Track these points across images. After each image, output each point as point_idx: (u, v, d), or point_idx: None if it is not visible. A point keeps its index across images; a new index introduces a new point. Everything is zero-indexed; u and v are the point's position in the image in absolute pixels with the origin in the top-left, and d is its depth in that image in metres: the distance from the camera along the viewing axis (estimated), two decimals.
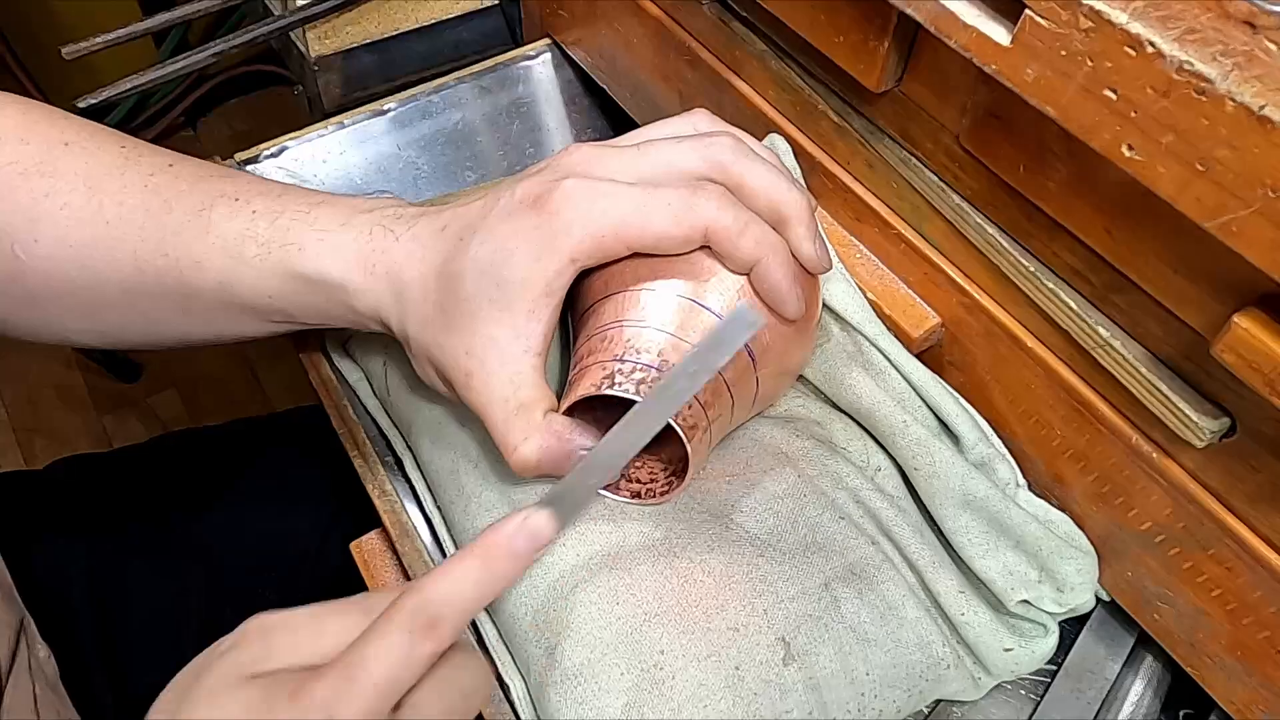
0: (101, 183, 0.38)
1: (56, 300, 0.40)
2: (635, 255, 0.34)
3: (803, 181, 0.45)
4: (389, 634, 0.26)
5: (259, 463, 0.61)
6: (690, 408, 0.33)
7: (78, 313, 0.40)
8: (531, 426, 0.34)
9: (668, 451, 0.38)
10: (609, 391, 0.33)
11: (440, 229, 0.36)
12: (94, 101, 0.61)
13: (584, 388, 0.33)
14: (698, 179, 0.34)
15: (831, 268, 0.38)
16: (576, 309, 0.38)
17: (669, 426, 0.33)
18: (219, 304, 0.39)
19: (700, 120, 0.37)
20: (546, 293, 0.33)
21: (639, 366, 0.33)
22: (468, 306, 0.34)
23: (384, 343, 0.45)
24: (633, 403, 0.32)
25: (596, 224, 0.33)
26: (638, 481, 0.38)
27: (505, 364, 0.34)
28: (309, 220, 0.37)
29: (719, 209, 0.33)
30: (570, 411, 0.35)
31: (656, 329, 0.34)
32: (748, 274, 0.34)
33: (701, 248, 0.34)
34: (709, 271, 0.34)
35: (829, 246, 0.42)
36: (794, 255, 0.36)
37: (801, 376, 0.43)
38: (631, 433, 0.30)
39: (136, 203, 0.38)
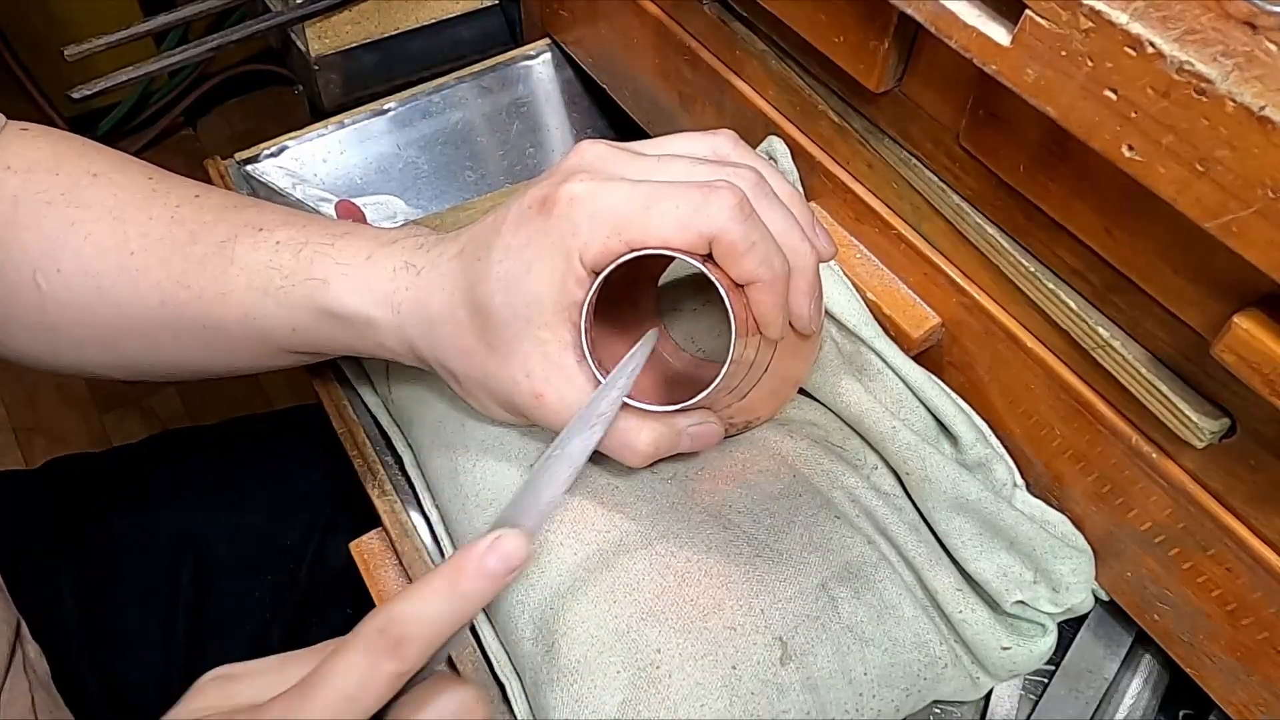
0: (127, 213, 0.38)
1: (77, 330, 0.40)
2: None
3: (799, 183, 0.45)
4: (349, 653, 0.25)
5: (254, 461, 0.61)
6: (750, 324, 0.32)
7: (99, 343, 0.40)
8: (629, 429, 0.34)
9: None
10: (690, 261, 0.31)
11: (458, 253, 0.35)
12: (89, 93, 0.61)
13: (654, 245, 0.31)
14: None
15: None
16: None
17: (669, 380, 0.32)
18: (243, 337, 0.38)
19: (723, 143, 0.35)
20: (572, 298, 0.32)
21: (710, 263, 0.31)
22: (508, 330, 0.33)
23: None
24: (645, 259, 0.31)
25: (600, 222, 0.31)
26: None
27: (571, 376, 0.33)
28: (333, 253, 0.37)
29: (729, 219, 0.30)
30: (596, 353, 0.33)
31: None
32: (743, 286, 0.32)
33: None
34: None
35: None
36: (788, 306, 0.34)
37: None
38: (587, 427, 0.31)
39: (161, 234, 0.38)
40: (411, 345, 0.36)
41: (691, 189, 0.31)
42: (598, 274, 0.32)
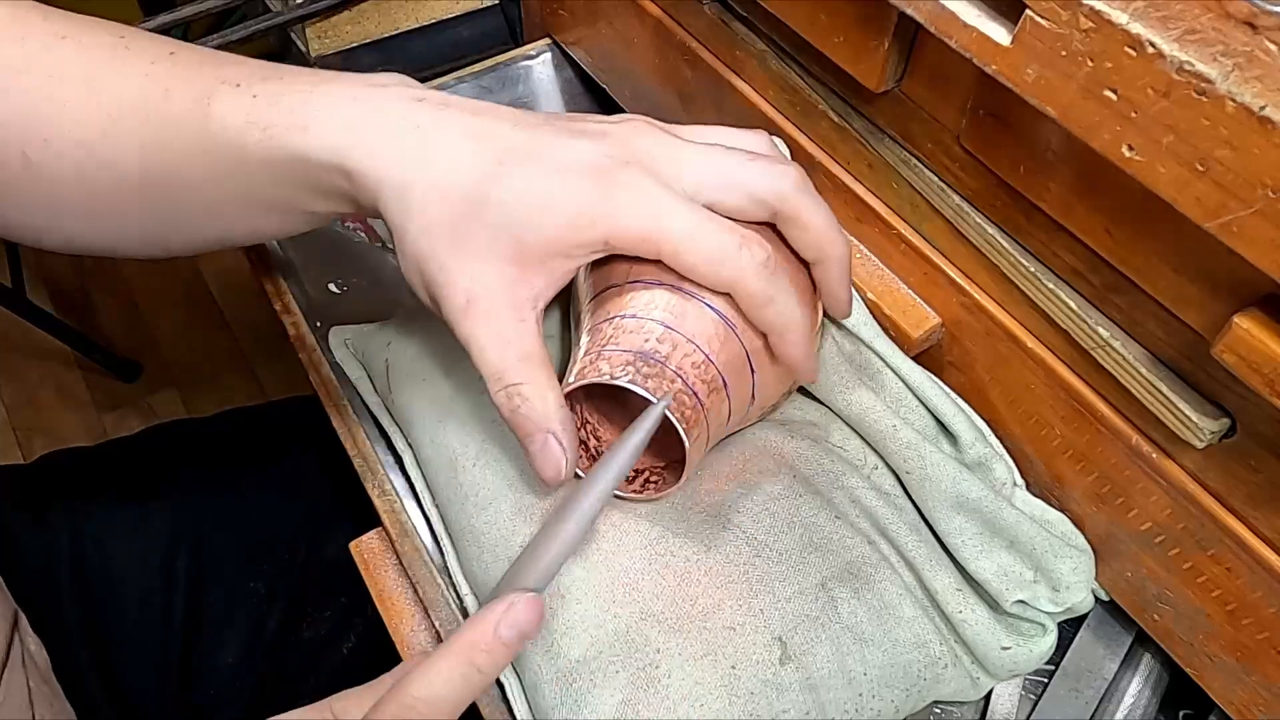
0: (100, 74, 0.37)
1: (72, 201, 0.38)
2: None
3: None
4: None
5: (250, 453, 0.61)
6: (689, 407, 0.33)
7: (92, 214, 0.39)
8: (532, 379, 0.33)
9: (666, 450, 0.39)
10: (636, 389, 0.33)
11: (475, 136, 0.34)
12: None
13: (610, 371, 0.33)
14: (756, 200, 0.34)
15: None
16: (595, 285, 0.37)
17: (670, 425, 0.33)
18: (227, 196, 0.37)
19: (763, 143, 0.37)
20: (567, 255, 0.33)
21: (670, 375, 0.33)
22: (487, 234, 0.33)
23: (387, 339, 0.45)
24: (635, 393, 0.32)
25: (641, 226, 0.32)
26: (636, 477, 0.38)
27: (511, 306, 0.33)
28: (312, 98, 0.35)
29: (755, 275, 0.33)
30: (571, 395, 0.35)
31: (691, 341, 0.34)
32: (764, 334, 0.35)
33: None
34: None
35: None
36: (823, 294, 0.37)
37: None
38: (595, 495, 0.31)
39: (136, 94, 0.37)
40: (377, 192, 0.34)
41: (730, 234, 0.32)
42: (604, 254, 0.33)
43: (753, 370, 0.36)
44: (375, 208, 0.35)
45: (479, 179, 0.33)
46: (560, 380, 0.34)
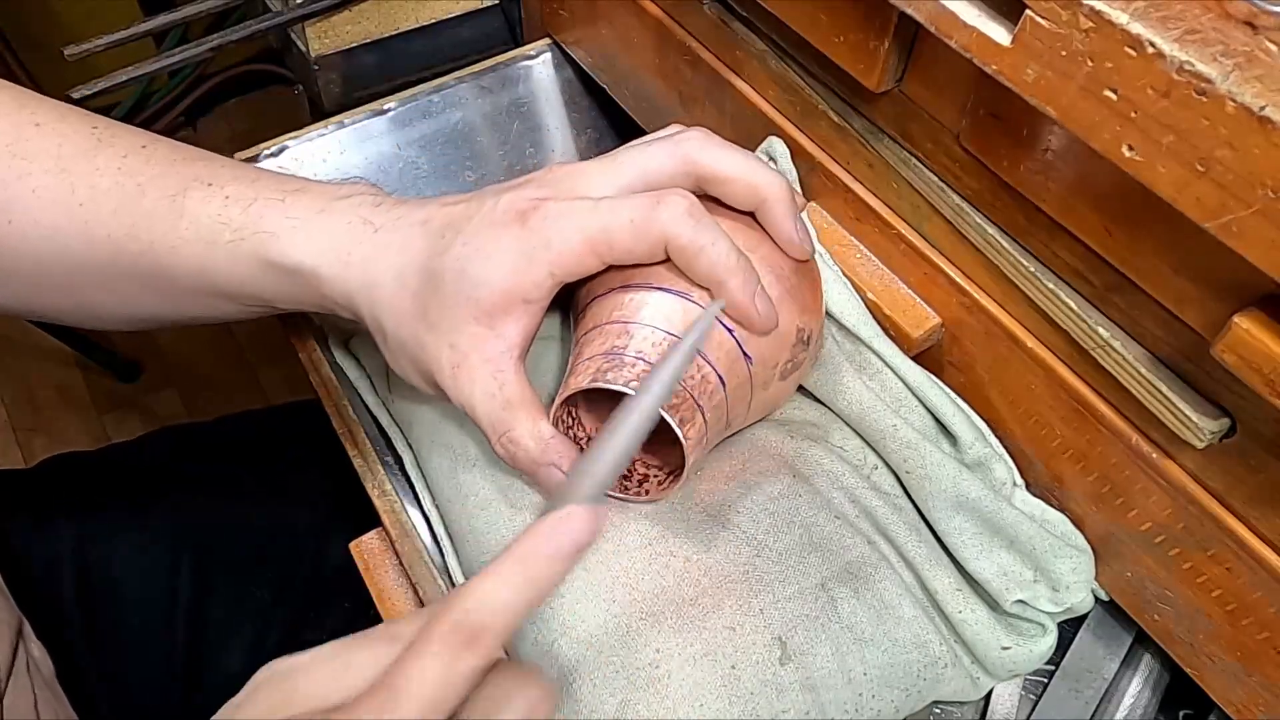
0: (73, 164, 0.38)
1: (35, 278, 0.40)
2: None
3: (799, 183, 0.45)
4: (426, 652, 0.25)
5: (253, 459, 0.61)
6: (685, 406, 0.33)
7: (55, 291, 0.40)
8: (518, 423, 0.34)
9: (664, 452, 0.39)
10: (600, 385, 0.33)
11: (422, 222, 0.36)
12: (89, 93, 0.61)
13: (577, 383, 0.34)
14: (670, 177, 0.35)
15: (813, 251, 0.38)
16: (574, 308, 0.38)
17: (668, 428, 0.33)
18: (194, 288, 0.39)
19: (671, 128, 0.38)
20: (525, 300, 0.34)
21: (629, 361, 0.34)
22: (449, 302, 0.34)
23: None
24: (625, 394, 0.32)
25: (571, 242, 0.33)
26: (633, 479, 0.38)
27: (489, 360, 0.35)
28: (283, 207, 0.37)
29: (677, 223, 0.33)
30: (568, 406, 0.35)
31: (646, 325, 0.34)
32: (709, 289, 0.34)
33: None
34: None
35: (819, 247, 0.42)
36: (774, 238, 0.36)
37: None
38: (633, 421, 0.30)
39: (109, 185, 0.38)
40: (350, 298, 0.37)
41: (644, 198, 0.33)
42: (561, 285, 0.34)
43: (730, 330, 0.35)
44: (353, 311, 0.37)
45: (428, 255, 0.35)
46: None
